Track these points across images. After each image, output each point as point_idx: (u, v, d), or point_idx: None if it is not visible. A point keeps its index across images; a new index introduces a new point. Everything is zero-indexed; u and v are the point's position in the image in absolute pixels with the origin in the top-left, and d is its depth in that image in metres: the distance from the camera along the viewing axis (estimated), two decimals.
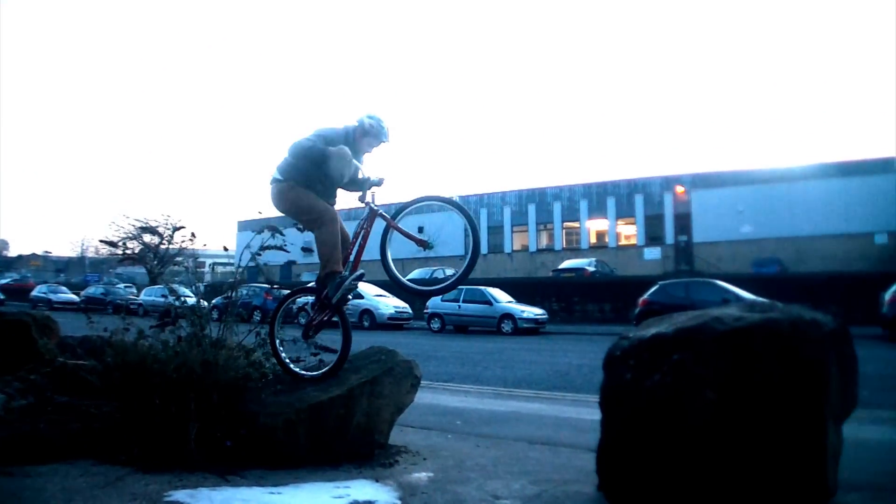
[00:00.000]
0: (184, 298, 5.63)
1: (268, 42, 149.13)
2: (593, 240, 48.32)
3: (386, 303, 28.08)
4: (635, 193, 46.14)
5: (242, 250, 5.72)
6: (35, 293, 43.23)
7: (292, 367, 5.47)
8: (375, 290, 28.28)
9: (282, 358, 5.50)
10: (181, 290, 5.84)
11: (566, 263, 40.32)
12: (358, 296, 24.53)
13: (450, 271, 34.73)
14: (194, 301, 5.61)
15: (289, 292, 5.95)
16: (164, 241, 43.74)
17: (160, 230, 40.62)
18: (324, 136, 5.38)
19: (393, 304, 28.18)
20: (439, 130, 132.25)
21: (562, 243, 48.99)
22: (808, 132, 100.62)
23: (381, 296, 28.39)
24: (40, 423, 4.89)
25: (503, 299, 26.87)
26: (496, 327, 25.67)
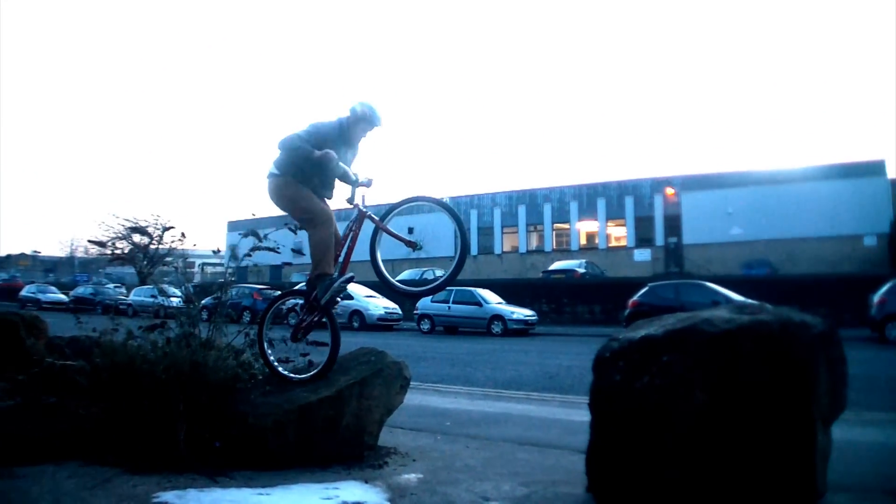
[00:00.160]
0: (172, 299, 5.62)
1: (259, 42, 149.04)
2: (583, 241, 48.42)
3: (376, 304, 28.03)
4: (625, 195, 46.28)
5: (230, 251, 5.71)
6: (24, 293, 42.88)
7: (280, 369, 5.45)
8: (365, 291, 28.22)
9: (270, 360, 5.48)
10: (171, 290, 5.83)
11: (556, 265, 40.37)
12: (348, 296, 24.48)
13: (440, 272, 34.70)
14: (184, 301, 5.59)
15: (278, 294, 5.94)
16: (154, 242, 43.58)
17: (150, 230, 40.46)
18: (317, 129, 5.39)
19: (383, 305, 28.13)
20: (429, 131, 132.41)
21: (552, 244, 49.09)
22: (798, 135, 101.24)
23: (370, 297, 28.34)
24: (28, 423, 4.87)
25: (493, 300, 26.89)
26: (486, 328, 25.67)
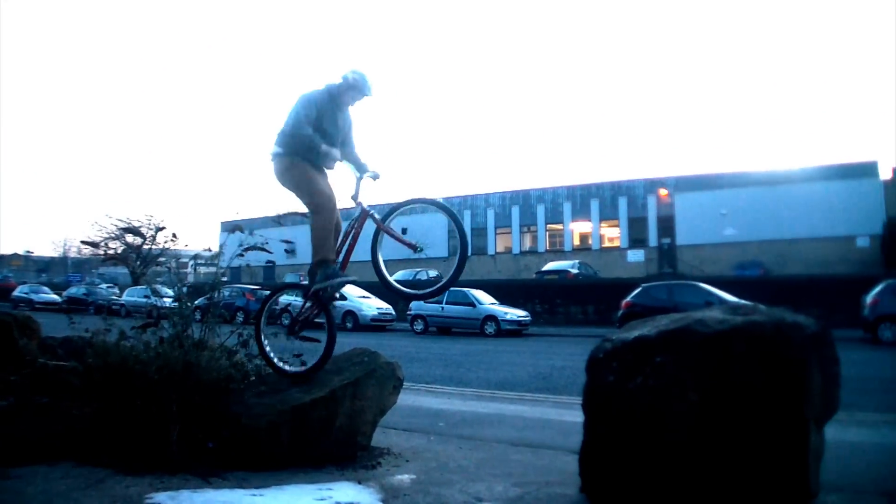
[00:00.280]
0: (166, 299, 5.61)
1: (253, 42, 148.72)
2: (577, 242, 48.44)
3: (369, 304, 28.00)
4: (619, 196, 46.32)
5: (220, 250, 5.70)
6: (16, 293, 42.65)
7: (277, 362, 5.49)
8: (359, 292, 28.18)
9: (267, 353, 5.53)
10: (164, 290, 5.81)
11: (549, 265, 40.40)
12: (342, 297, 24.49)
13: (433, 272, 34.77)
14: (175, 299, 5.58)
15: (276, 286, 5.97)
16: (147, 242, 43.46)
17: (143, 230, 40.30)
18: (309, 101, 5.42)
19: (376, 306, 28.11)
20: (423, 131, 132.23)
21: (545, 245, 49.10)
22: (792, 136, 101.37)
23: (364, 297, 28.32)
24: (21, 424, 4.85)
25: (486, 301, 26.90)
26: (479, 329, 25.68)
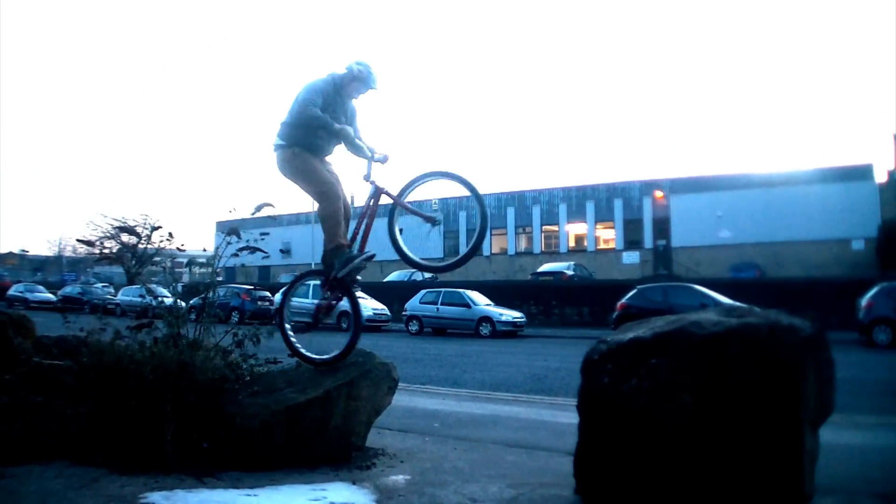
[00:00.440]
0: (161, 298, 5.60)
1: (250, 41, 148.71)
2: (572, 243, 48.45)
3: (364, 304, 27.89)
4: (614, 198, 46.34)
5: (217, 250, 5.70)
6: (11, 292, 42.58)
7: (303, 350, 5.54)
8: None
9: (292, 342, 5.59)
10: (159, 290, 5.81)
11: (545, 267, 40.43)
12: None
13: (427, 273, 34.71)
14: (171, 301, 5.57)
15: (299, 274, 6.01)
16: (142, 241, 43.44)
17: (138, 230, 40.32)
18: (315, 90, 5.40)
19: (371, 306, 28.02)
20: (417, 132, 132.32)
21: (541, 247, 49.12)
22: (787, 138, 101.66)
23: (360, 297, 28.15)
24: (15, 423, 4.83)
25: (482, 302, 26.90)
26: (474, 330, 25.69)
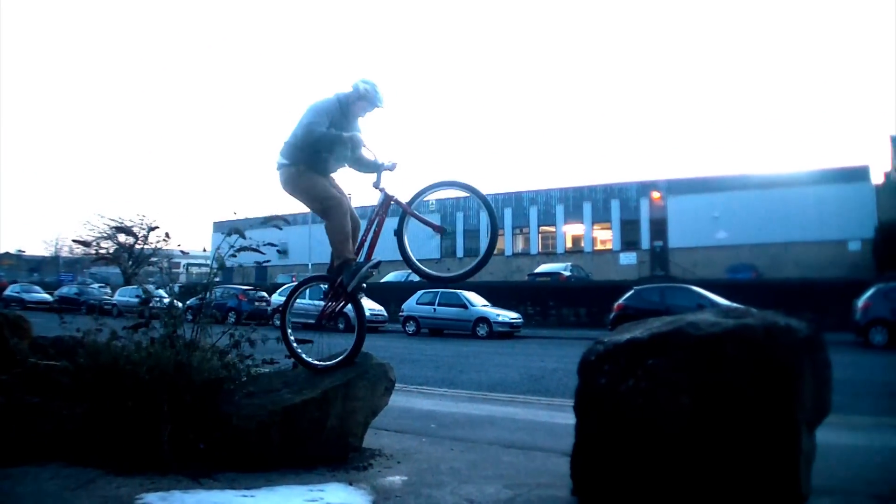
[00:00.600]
0: (158, 299, 5.59)
1: (250, 42, 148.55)
2: (569, 244, 48.52)
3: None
4: (611, 199, 46.42)
5: (221, 255, 5.69)
6: (8, 292, 42.51)
7: (304, 357, 5.53)
8: None
9: (294, 348, 5.57)
10: (155, 290, 5.80)
11: (542, 268, 40.50)
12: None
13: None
14: (168, 301, 5.56)
15: (304, 279, 6.01)
16: (139, 242, 43.34)
17: (135, 230, 40.20)
18: (319, 109, 5.39)
19: (368, 307, 27.90)
20: (414, 134, 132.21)
21: (538, 247, 49.16)
22: (784, 140, 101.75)
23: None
24: (11, 424, 4.82)
25: (479, 303, 26.90)
26: (471, 331, 25.71)
